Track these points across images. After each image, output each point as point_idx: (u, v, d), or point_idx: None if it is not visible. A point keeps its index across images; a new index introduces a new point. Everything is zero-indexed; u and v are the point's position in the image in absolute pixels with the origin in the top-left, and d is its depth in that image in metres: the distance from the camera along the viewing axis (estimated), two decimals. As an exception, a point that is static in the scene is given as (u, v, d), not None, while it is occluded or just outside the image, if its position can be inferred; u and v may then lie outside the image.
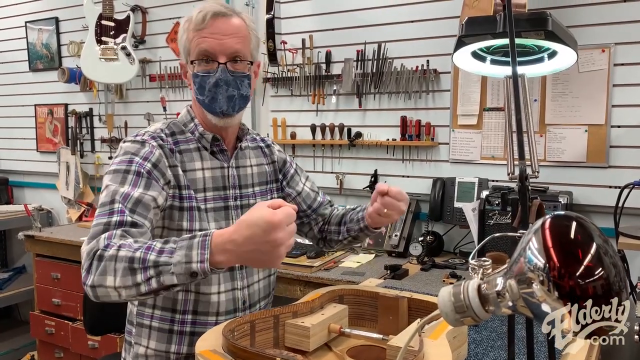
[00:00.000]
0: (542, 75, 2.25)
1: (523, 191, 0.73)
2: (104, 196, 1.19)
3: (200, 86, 1.30)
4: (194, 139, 1.36)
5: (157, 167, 1.25)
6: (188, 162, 1.33)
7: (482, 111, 2.50)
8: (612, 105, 2.23)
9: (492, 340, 1.47)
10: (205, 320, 1.35)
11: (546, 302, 0.53)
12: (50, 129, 3.99)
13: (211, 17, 1.27)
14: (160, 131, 1.33)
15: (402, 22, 2.65)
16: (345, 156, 2.86)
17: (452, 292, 0.60)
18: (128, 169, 1.21)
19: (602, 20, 2.21)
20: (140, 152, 1.24)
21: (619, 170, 2.24)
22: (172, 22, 3.35)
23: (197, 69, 1.29)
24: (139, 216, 1.17)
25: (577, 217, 0.55)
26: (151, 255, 1.02)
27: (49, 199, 4.07)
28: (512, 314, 0.61)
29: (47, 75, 3.96)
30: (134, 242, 1.08)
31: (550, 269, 0.51)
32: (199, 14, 1.28)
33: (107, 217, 1.14)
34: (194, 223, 1.30)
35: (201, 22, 1.26)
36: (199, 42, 1.27)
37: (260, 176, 1.48)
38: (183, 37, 1.32)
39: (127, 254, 1.03)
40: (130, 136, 1.32)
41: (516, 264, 0.57)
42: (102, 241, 1.08)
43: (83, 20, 3.63)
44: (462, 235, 2.58)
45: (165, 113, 3.38)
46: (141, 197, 1.18)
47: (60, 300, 3.09)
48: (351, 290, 1.46)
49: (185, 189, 1.30)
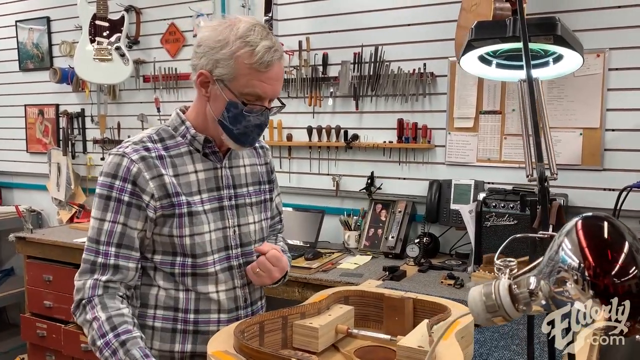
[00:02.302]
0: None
1: (543, 193, 0.74)
2: (91, 230, 1.30)
3: (235, 118, 1.27)
4: (185, 142, 1.34)
5: (136, 185, 1.26)
6: (180, 166, 1.32)
7: (478, 114, 2.53)
8: (607, 109, 2.27)
9: (495, 341, 1.49)
10: (208, 318, 1.35)
11: (580, 300, 0.54)
12: (41, 130, 3.95)
13: (275, 64, 1.23)
14: (147, 139, 1.31)
15: (399, 25, 2.67)
16: (341, 158, 2.87)
17: (483, 292, 0.60)
18: (109, 194, 1.27)
19: (597, 25, 2.24)
20: (120, 172, 1.26)
21: (613, 173, 2.28)
22: (167, 23, 3.35)
23: (240, 104, 1.26)
24: (125, 252, 1.28)
25: (606, 217, 0.57)
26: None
27: (38, 200, 4.02)
28: (541, 313, 0.62)
29: (38, 75, 3.92)
30: (105, 317, 1.22)
31: (585, 268, 0.52)
32: (264, 54, 1.21)
33: (93, 255, 1.27)
34: (183, 229, 1.30)
35: (265, 67, 1.21)
36: (256, 84, 1.23)
37: (254, 176, 1.46)
38: (230, 60, 1.22)
39: (94, 334, 1.22)
40: (116, 147, 1.31)
41: (548, 265, 0.58)
42: (88, 291, 1.25)
43: (75, 20, 3.61)
44: (458, 237, 2.60)
45: (159, 114, 3.36)
46: (124, 230, 1.27)
47: (52, 303, 3.05)
48: (356, 291, 1.47)
49: (174, 196, 1.28)
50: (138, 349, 1.18)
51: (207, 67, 1.24)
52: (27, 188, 4.10)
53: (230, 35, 1.22)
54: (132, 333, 1.21)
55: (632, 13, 2.21)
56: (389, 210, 2.70)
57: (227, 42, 1.22)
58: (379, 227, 2.69)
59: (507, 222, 2.23)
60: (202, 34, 1.27)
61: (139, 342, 1.20)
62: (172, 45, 3.35)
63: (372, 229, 2.70)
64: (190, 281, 1.33)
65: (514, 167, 2.48)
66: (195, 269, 1.32)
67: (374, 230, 2.69)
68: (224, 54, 1.22)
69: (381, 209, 2.73)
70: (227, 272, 1.37)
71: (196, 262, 1.32)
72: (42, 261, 3.09)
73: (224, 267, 1.36)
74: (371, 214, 2.74)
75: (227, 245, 1.37)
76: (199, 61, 1.26)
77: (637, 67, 2.22)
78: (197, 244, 1.31)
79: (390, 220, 2.67)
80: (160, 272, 1.33)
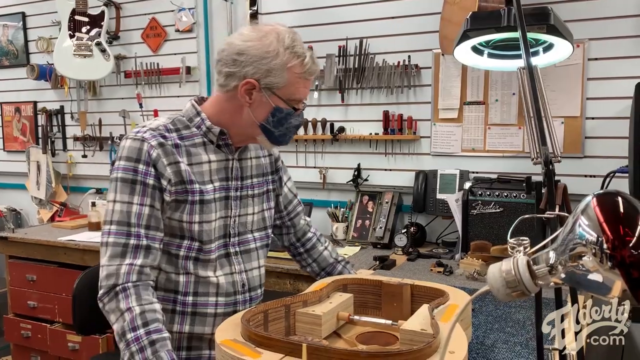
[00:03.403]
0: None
1: (549, 175, 0.77)
2: (119, 213, 1.29)
3: (279, 122, 1.35)
4: (200, 133, 1.39)
5: (156, 169, 1.31)
6: (195, 155, 1.36)
7: (462, 105, 2.57)
8: (587, 98, 2.34)
9: (489, 324, 1.54)
10: (206, 300, 1.40)
11: (598, 272, 0.57)
12: (18, 128, 3.87)
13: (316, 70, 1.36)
14: (163, 128, 1.35)
15: (383, 18, 2.70)
16: (328, 151, 2.89)
17: (503, 268, 0.63)
18: (135, 179, 1.30)
19: (576, 16, 2.30)
20: (142, 156, 1.30)
21: (593, 160, 2.36)
22: (147, 18, 3.31)
23: (289, 109, 1.35)
24: (153, 233, 1.30)
25: (619, 193, 0.60)
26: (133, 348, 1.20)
27: (17, 199, 3.94)
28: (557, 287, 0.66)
29: (13, 72, 3.83)
30: (138, 310, 1.22)
31: (604, 241, 0.56)
32: (312, 65, 1.33)
33: (124, 238, 1.27)
34: (193, 216, 1.35)
35: (311, 74, 1.34)
36: (301, 90, 1.35)
37: (258, 168, 1.52)
38: (282, 70, 1.30)
39: (124, 325, 1.21)
40: (133, 132, 1.33)
41: (564, 241, 0.61)
42: (123, 277, 1.25)
43: (51, 16, 3.55)
44: (444, 226, 2.65)
45: (141, 110, 3.33)
46: (151, 212, 1.30)
47: (37, 303, 3.00)
48: (355, 279, 1.50)
49: (188, 183, 1.34)
50: (167, 352, 1.19)
51: (256, 75, 1.30)
52: (5, 187, 4.01)
53: (279, 47, 1.29)
54: (162, 333, 1.22)
55: (611, 4, 2.28)
56: (376, 201, 2.73)
57: (277, 53, 1.29)
58: (366, 218, 2.72)
59: (493, 209, 2.28)
60: (245, 44, 1.30)
61: (168, 344, 1.21)
62: (154, 40, 3.32)
63: (360, 220, 2.73)
64: (191, 265, 1.38)
65: (498, 156, 2.53)
66: (199, 254, 1.38)
67: (361, 222, 2.73)
68: (277, 65, 1.29)
69: (368, 200, 2.76)
70: (224, 258, 1.43)
71: (202, 247, 1.37)
72: (24, 261, 3.03)
73: (221, 254, 1.42)
74: (358, 205, 2.77)
75: (225, 233, 1.43)
76: (244, 69, 1.30)
77: (615, 56, 2.29)
78: (205, 230, 1.37)
79: (377, 211, 2.70)
80: (164, 255, 1.36)
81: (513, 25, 1.16)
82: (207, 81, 3.21)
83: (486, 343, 1.40)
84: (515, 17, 1.11)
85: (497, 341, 1.41)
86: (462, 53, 1.35)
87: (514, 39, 1.27)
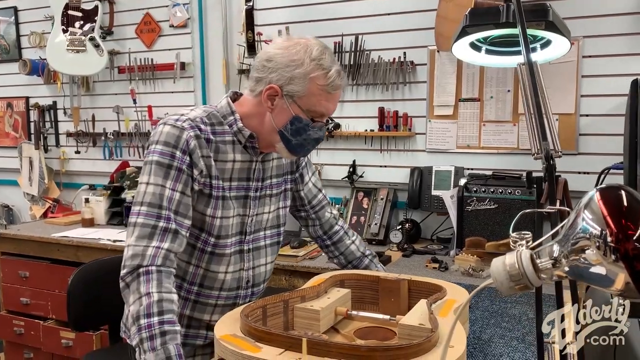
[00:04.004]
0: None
1: (550, 169, 0.78)
2: (151, 195, 1.30)
3: (297, 131, 1.36)
4: (231, 132, 1.41)
5: (192, 158, 1.34)
6: (222, 153, 1.40)
7: (457, 102, 2.58)
8: (581, 95, 2.36)
9: (486, 319, 1.54)
10: (209, 293, 1.46)
11: (601, 265, 0.58)
12: (10, 123, 3.84)
13: (342, 86, 1.36)
14: (200, 120, 1.37)
15: (379, 14, 2.70)
16: (323, 147, 2.89)
17: (507, 262, 0.64)
18: (171, 164, 1.32)
19: (571, 14, 2.32)
20: (180, 144, 1.32)
21: (587, 156, 2.37)
22: (141, 13, 3.29)
23: (307, 119, 1.36)
24: (181, 219, 1.32)
25: (622, 187, 0.61)
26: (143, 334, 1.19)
27: (9, 195, 3.92)
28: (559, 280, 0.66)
29: (5, 67, 3.80)
30: (157, 297, 1.22)
31: (608, 235, 0.56)
32: (335, 78, 1.33)
33: (154, 220, 1.29)
34: (217, 211, 1.39)
35: (334, 89, 1.34)
36: (323, 104, 1.35)
37: (279, 168, 1.54)
38: (304, 80, 1.32)
39: (140, 310, 1.21)
40: (172, 119, 1.36)
41: (567, 235, 0.62)
42: (148, 259, 1.25)
43: (44, 10, 3.52)
44: (439, 222, 2.66)
45: (135, 106, 3.31)
46: (181, 198, 1.33)
47: (30, 299, 2.99)
48: (352, 274, 1.50)
49: (215, 179, 1.38)
50: (175, 345, 1.20)
51: (279, 82, 1.33)
52: (-4, 183, 3.99)
53: (305, 57, 1.32)
54: (174, 325, 1.22)
55: (605, 2, 2.30)
56: (371, 197, 2.74)
57: (302, 63, 1.32)
58: (361, 215, 2.73)
59: (488, 206, 2.29)
60: (275, 51, 1.35)
61: (177, 337, 1.22)
62: (148, 36, 3.30)
63: (355, 217, 2.74)
64: (206, 258, 1.43)
65: (492, 152, 2.55)
66: (214, 248, 1.42)
67: (356, 218, 2.73)
68: (299, 73, 1.32)
69: (363, 197, 2.76)
70: (237, 255, 1.47)
71: (218, 242, 1.42)
72: (17, 257, 3.02)
73: (236, 250, 1.46)
74: (353, 201, 2.77)
75: (242, 231, 1.47)
76: (270, 75, 1.34)
77: (609, 54, 2.31)
78: (223, 226, 1.41)
79: (372, 207, 2.71)
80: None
81: (512, 21, 1.17)
82: (202, 77, 3.20)
83: (483, 338, 1.41)
84: (513, 14, 1.12)
85: (494, 336, 1.42)
86: (460, 49, 1.36)
87: (512, 35, 1.27)
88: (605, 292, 0.60)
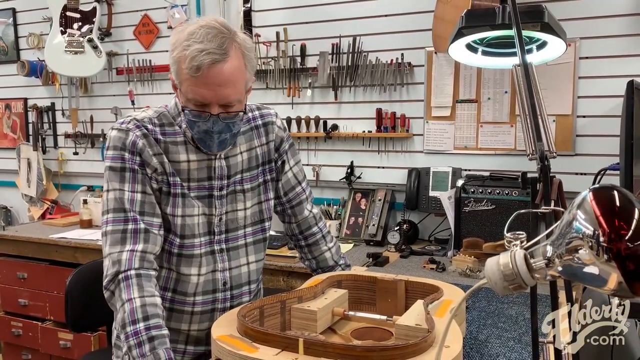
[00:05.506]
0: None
1: (545, 170, 0.79)
2: (113, 201, 1.29)
3: (189, 124, 1.29)
4: (181, 132, 1.36)
5: (142, 158, 1.31)
6: (173, 153, 1.34)
7: (455, 103, 2.59)
8: (578, 97, 2.37)
9: (482, 319, 1.55)
10: (184, 299, 1.39)
11: (594, 264, 0.58)
12: (8, 125, 3.84)
13: (206, 68, 1.18)
14: (147, 120, 1.34)
15: (377, 16, 2.71)
16: (321, 148, 2.89)
17: (501, 262, 0.64)
18: (123, 166, 1.30)
19: (568, 15, 2.33)
20: (127, 145, 1.30)
21: (584, 157, 2.38)
22: (140, 15, 3.30)
23: (188, 109, 1.26)
24: (149, 219, 1.30)
25: (614, 187, 0.61)
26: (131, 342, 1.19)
27: (7, 196, 3.91)
28: (553, 280, 0.67)
29: (3, 68, 3.80)
30: (139, 302, 1.21)
31: (601, 234, 0.57)
32: (193, 59, 1.17)
33: (122, 224, 1.27)
34: (177, 209, 1.35)
35: (195, 71, 1.18)
36: (194, 90, 1.22)
37: (250, 161, 1.45)
38: (175, 65, 1.24)
39: (125, 317, 1.20)
40: (118, 122, 1.34)
41: (560, 235, 0.62)
42: (125, 263, 1.24)
43: (42, 12, 3.53)
44: (436, 223, 2.66)
45: (133, 107, 3.32)
46: (144, 198, 1.31)
47: (27, 301, 2.99)
48: (349, 275, 1.51)
49: (171, 175, 1.34)
50: (165, 349, 1.18)
51: (171, 71, 1.27)
52: (-5, 185, 3.99)
53: (179, 39, 1.21)
54: (161, 329, 1.21)
55: (601, 3, 2.30)
56: (369, 198, 2.74)
57: (175, 47, 1.22)
58: (359, 216, 2.73)
59: (485, 207, 2.30)
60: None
61: (167, 342, 1.20)
62: (146, 37, 3.30)
63: (353, 218, 2.74)
64: (174, 260, 1.37)
65: (490, 153, 2.55)
66: (181, 249, 1.37)
67: (354, 219, 2.73)
68: (173, 59, 1.23)
69: (361, 198, 2.77)
70: (209, 255, 1.40)
71: (183, 242, 1.36)
72: (15, 258, 3.02)
73: (207, 251, 1.40)
74: (351, 203, 2.78)
75: (210, 231, 1.41)
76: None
77: (606, 55, 2.32)
78: (187, 225, 1.36)
79: (370, 208, 2.71)
80: None
81: (508, 23, 1.18)
82: (200, 78, 3.19)
83: (480, 338, 1.41)
84: (509, 15, 1.12)
85: (491, 336, 1.42)
86: (457, 50, 1.36)
87: (508, 36, 1.28)
88: (599, 291, 0.61)
